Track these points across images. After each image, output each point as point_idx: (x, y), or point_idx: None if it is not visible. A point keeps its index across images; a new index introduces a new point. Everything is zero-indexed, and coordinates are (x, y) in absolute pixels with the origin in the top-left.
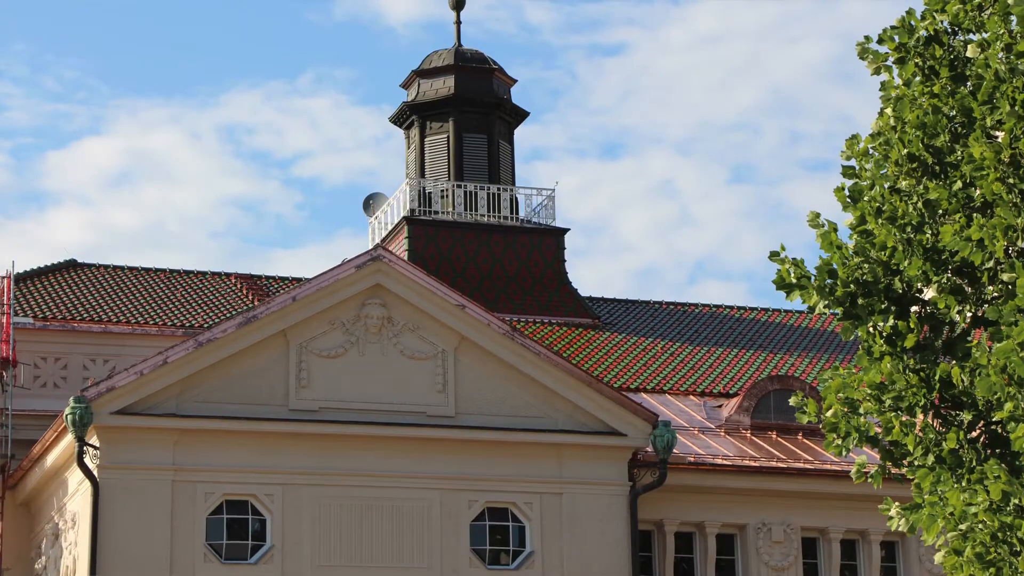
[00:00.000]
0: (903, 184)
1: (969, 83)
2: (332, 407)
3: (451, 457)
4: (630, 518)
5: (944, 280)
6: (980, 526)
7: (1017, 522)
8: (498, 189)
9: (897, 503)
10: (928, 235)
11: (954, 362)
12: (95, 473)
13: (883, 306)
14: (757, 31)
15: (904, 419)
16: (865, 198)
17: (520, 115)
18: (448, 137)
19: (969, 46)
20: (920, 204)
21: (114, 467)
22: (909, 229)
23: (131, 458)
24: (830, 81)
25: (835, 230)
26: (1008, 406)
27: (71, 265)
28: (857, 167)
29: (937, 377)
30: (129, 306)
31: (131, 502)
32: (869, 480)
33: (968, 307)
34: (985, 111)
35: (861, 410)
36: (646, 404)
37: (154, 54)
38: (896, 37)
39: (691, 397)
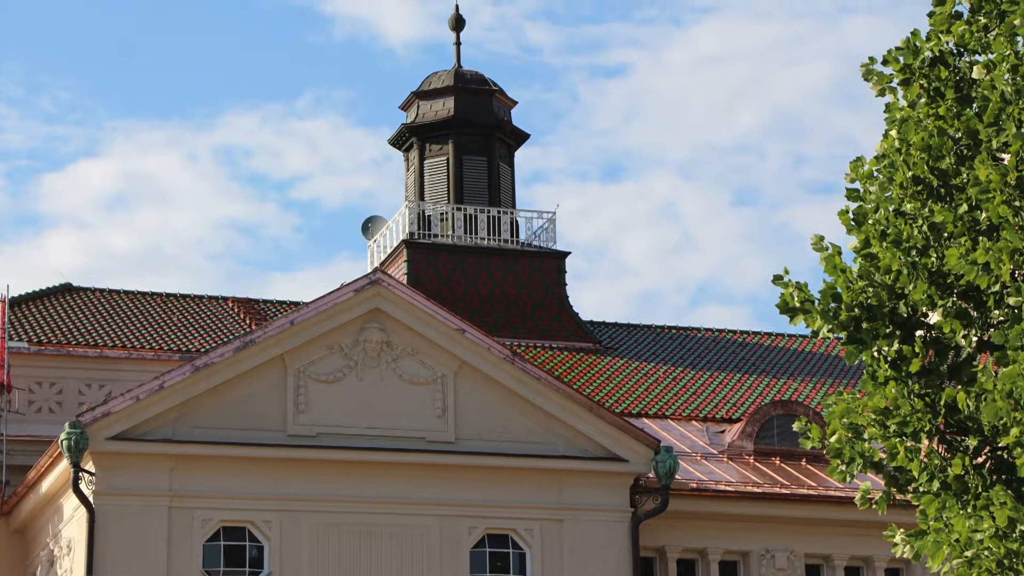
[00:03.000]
0: (908, 207)
1: (975, 105)
2: (330, 432)
3: (451, 483)
4: (632, 545)
5: (949, 304)
6: (986, 553)
7: (1023, 549)
8: (498, 212)
9: (902, 529)
10: (933, 258)
11: (959, 387)
12: (91, 499)
13: (888, 330)
14: (760, 52)
15: (909, 444)
16: (869, 221)
17: (521, 137)
18: (448, 159)
19: (975, 67)
20: (925, 227)
21: (110, 493)
22: (914, 252)
23: (127, 484)
24: (834, 103)
25: (839, 253)
26: (1014, 431)
27: (66, 289)
28: (861, 190)
29: (942, 402)
30: (125, 330)
31: (127, 528)
32: (873, 506)
33: (974, 331)
34: (991, 133)
35: (865, 435)
36: (648, 429)
37: (151, 75)
38: (901, 58)
39: (693, 422)
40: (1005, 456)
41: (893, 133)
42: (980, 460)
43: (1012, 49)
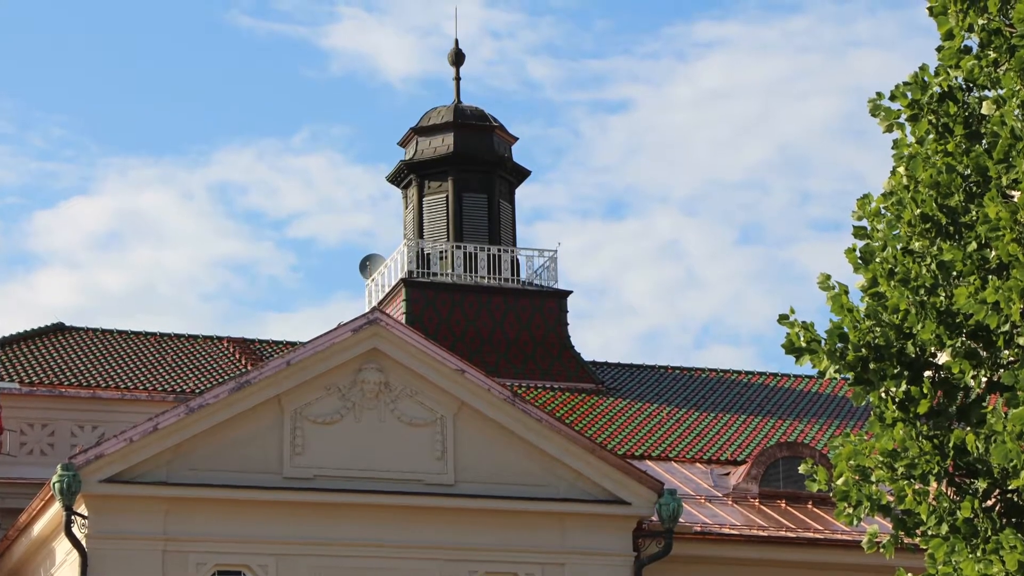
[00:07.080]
0: (916, 245)
1: (984, 141)
2: (328, 475)
3: (450, 526)
4: None
5: (958, 344)
6: None
7: None
8: (498, 250)
9: (910, 574)
10: (942, 297)
11: (969, 428)
12: (83, 543)
13: (896, 371)
14: (765, 87)
15: (917, 487)
16: (877, 259)
17: (521, 174)
18: (447, 197)
19: (984, 103)
20: (934, 266)
21: (103, 537)
22: (922, 291)
23: (120, 527)
24: (841, 139)
25: (846, 292)
26: None
27: (58, 329)
28: (869, 227)
29: (951, 444)
30: (118, 371)
31: (121, 573)
32: (881, 550)
33: (983, 372)
34: (1001, 170)
35: (873, 478)
36: (651, 472)
37: (144, 111)
38: (909, 94)
39: (697, 464)
40: (1015, 499)
41: (901, 170)
42: (990, 503)
43: (1022, 84)
